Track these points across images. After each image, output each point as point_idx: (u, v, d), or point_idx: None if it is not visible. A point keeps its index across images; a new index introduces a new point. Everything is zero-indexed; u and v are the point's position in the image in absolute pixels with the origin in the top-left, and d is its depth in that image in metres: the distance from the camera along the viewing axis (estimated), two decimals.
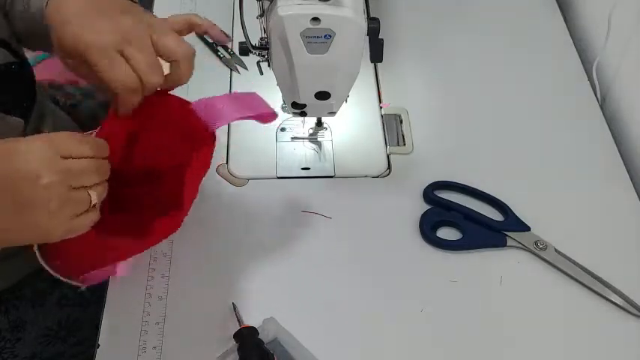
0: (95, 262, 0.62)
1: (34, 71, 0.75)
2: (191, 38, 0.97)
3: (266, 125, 0.88)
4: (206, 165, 0.66)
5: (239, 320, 0.69)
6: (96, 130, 0.63)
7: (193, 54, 0.61)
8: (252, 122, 0.82)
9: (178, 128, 0.64)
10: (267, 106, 0.67)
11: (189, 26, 0.64)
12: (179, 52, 0.60)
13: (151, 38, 0.59)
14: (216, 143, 0.69)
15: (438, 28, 1.01)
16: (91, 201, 0.55)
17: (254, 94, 0.68)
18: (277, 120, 0.88)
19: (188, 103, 0.66)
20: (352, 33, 0.66)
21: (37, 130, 0.79)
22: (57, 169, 0.52)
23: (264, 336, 0.67)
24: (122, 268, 0.66)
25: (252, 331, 0.67)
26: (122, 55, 0.58)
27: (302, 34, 0.65)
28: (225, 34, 0.65)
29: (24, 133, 0.73)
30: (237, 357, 0.66)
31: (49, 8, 0.62)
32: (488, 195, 0.81)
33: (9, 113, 0.69)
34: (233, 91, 0.92)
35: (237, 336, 0.66)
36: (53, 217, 0.53)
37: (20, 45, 0.73)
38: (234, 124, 0.88)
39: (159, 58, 0.60)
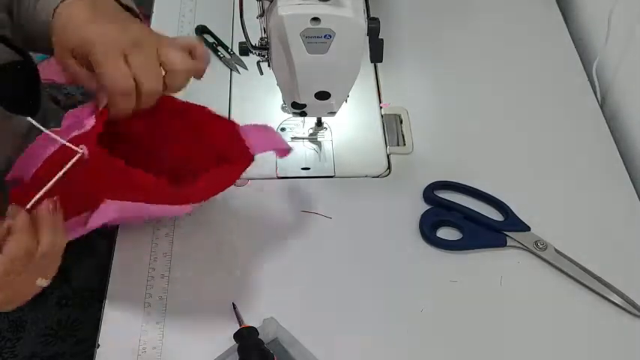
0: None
1: None
2: (191, 37, 0.97)
3: None
4: (230, 181, 0.69)
5: (239, 320, 0.69)
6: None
7: (191, 71, 0.63)
8: (252, 120, 0.82)
9: (218, 141, 0.70)
10: (285, 142, 0.73)
11: (189, 49, 0.65)
12: (178, 63, 0.61)
13: (157, 48, 0.61)
14: None
15: (438, 29, 1.01)
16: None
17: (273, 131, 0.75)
18: (277, 120, 0.89)
19: (235, 124, 0.71)
20: (352, 33, 0.66)
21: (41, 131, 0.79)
22: None
23: (264, 336, 0.67)
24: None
25: (252, 331, 0.67)
26: (125, 58, 0.59)
27: (302, 34, 0.65)
28: (203, 67, 0.67)
29: (29, 133, 0.73)
30: (237, 357, 0.66)
31: (55, 18, 0.63)
32: (489, 195, 0.81)
33: (15, 112, 0.69)
34: (233, 91, 0.92)
35: (237, 336, 0.66)
36: None
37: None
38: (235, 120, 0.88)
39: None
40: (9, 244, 0.50)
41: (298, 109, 0.77)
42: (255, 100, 0.91)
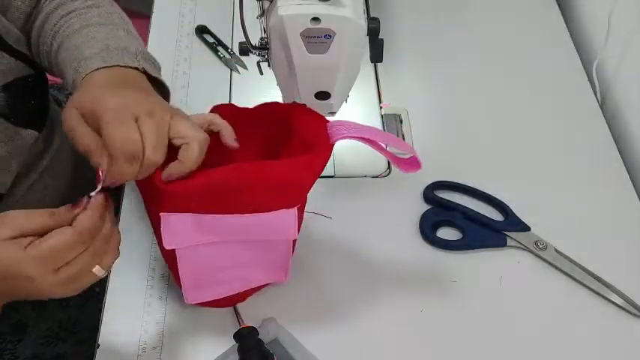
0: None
1: None
2: (191, 38, 0.97)
3: None
4: (313, 170, 0.63)
5: (239, 320, 0.69)
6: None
7: (206, 141, 0.58)
8: None
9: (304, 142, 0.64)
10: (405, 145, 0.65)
11: (208, 125, 0.62)
12: (191, 135, 0.56)
13: (170, 119, 0.57)
14: None
15: (438, 29, 1.01)
16: (91, 270, 0.55)
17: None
18: None
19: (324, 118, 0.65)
20: (352, 33, 0.66)
21: (49, 139, 0.79)
22: (32, 257, 0.51)
23: (264, 336, 0.67)
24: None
25: (252, 331, 0.67)
26: (137, 123, 0.55)
27: (302, 34, 0.65)
28: (236, 141, 0.62)
29: (37, 144, 0.73)
30: (237, 357, 0.65)
31: (79, 81, 0.62)
32: (489, 195, 0.81)
33: (23, 126, 0.69)
34: (233, 91, 0.92)
35: (238, 336, 0.66)
36: (57, 293, 0.54)
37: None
38: None
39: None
40: (79, 218, 0.53)
41: None
42: (255, 100, 0.91)
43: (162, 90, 0.67)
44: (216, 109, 0.64)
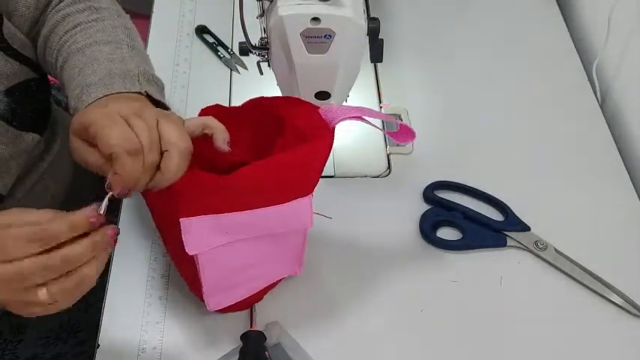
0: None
1: None
2: (191, 38, 0.97)
3: None
4: (318, 160, 0.63)
5: (251, 322, 0.69)
6: None
7: (188, 150, 0.55)
8: None
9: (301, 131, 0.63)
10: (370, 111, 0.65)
11: (202, 128, 0.60)
12: (172, 142, 0.54)
13: (157, 122, 0.55)
14: None
15: (438, 29, 1.01)
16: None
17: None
18: None
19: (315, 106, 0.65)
20: (352, 33, 0.66)
21: (50, 141, 0.79)
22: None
23: (268, 340, 0.67)
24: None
25: (260, 335, 0.66)
26: (127, 123, 0.54)
27: (302, 34, 0.65)
28: (228, 144, 0.60)
29: (38, 146, 0.73)
30: (237, 358, 0.65)
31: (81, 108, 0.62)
32: (489, 195, 0.81)
33: (25, 130, 0.69)
34: (233, 91, 0.92)
35: (245, 337, 0.66)
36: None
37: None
38: None
39: None
40: (73, 246, 0.50)
41: None
42: None
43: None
44: (203, 112, 0.64)
